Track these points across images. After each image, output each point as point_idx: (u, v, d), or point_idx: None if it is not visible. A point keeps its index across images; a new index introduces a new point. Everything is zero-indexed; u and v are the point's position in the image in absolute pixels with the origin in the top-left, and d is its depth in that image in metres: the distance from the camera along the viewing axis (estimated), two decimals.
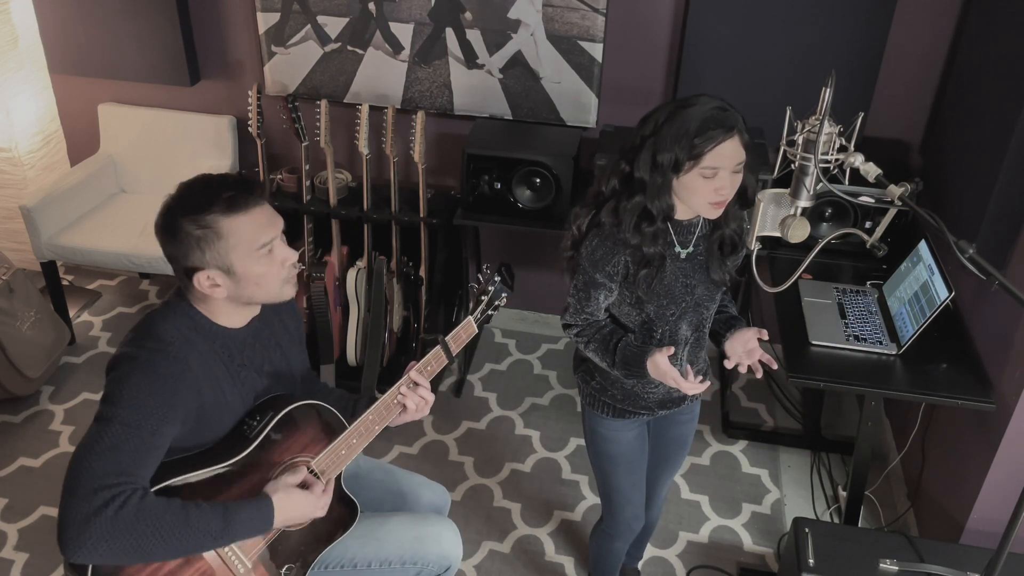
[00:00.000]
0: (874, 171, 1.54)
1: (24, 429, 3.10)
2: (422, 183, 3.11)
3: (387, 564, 1.90)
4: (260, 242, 1.59)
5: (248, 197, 1.58)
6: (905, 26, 2.83)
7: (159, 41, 3.31)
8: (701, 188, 1.70)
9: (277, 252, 1.62)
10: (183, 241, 1.56)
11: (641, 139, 1.73)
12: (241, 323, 1.71)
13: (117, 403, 1.50)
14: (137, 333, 1.60)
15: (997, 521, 2.34)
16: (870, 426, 2.44)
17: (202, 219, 1.55)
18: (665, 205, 1.74)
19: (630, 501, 2.14)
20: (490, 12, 3.05)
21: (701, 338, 1.96)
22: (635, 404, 1.99)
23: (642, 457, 2.12)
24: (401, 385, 1.81)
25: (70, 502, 1.43)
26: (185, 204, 1.57)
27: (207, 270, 1.58)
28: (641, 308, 1.84)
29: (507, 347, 3.64)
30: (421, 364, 1.84)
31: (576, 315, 1.89)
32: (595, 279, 1.81)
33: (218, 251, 1.56)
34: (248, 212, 1.58)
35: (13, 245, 3.65)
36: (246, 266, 1.59)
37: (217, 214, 1.55)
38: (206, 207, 1.55)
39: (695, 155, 1.66)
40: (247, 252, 1.58)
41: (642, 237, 1.76)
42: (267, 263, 1.61)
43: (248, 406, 1.74)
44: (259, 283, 1.62)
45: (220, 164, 3.50)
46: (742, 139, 1.69)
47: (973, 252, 1.43)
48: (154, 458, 1.53)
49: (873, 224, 2.75)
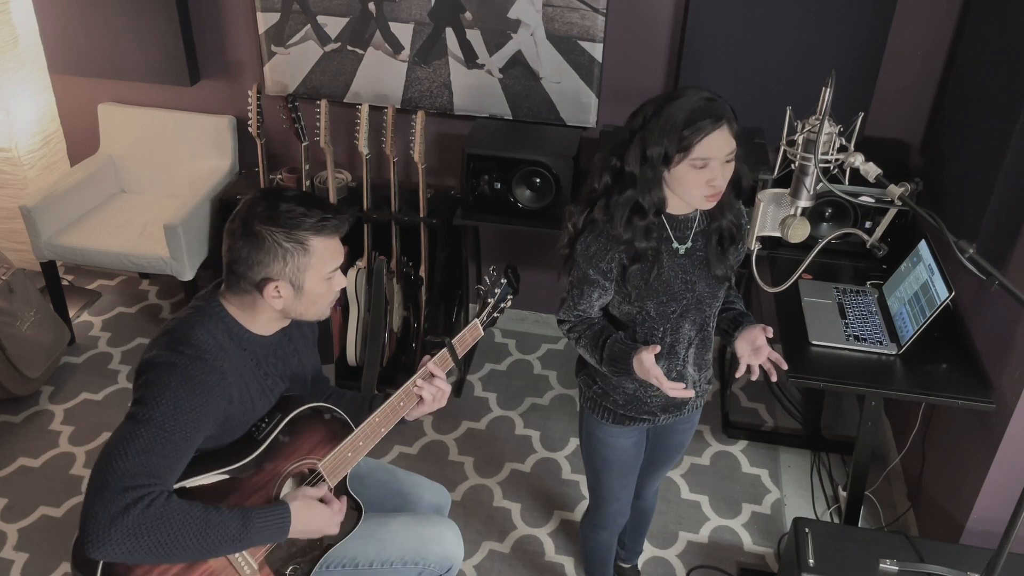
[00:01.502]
0: (874, 171, 1.54)
1: (24, 429, 3.10)
2: (422, 183, 3.11)
3: (389, 564, 1.90)
4: (332, 267, 1.68)
5: (339, 224, 1.67)
6: (905, 26, 2.84)
7: (159, 41, 3.31)
8: (693, 180, 1.69)
9: (336, 279, 1.71)
10: (269, 250, 1.60)
11: (631, 133, 1.73)
12: (271, 332, 1.74)
13: (155, 407, 1.52)
14: (172, 338, 1.60)
15: (997, 521, 2.34)
16: (870, 426, 2.44)
17: (296, 234, 1.61)
18: (657, 199, 1.74)
19: (618, 499, 2.15)
20: (490, 12, 3.05)
21: (706, 338, 1.94)
22: (637, 410, 1.97)
23: (636, 462, 2.12)
24: (417, 377, 1.83)
25: (98, 498, 1.45)
26: (280, 215, 1.60)
27: (279, 281, 1.62)
28: (641, 306, 1.84)
29: (507, 347, 3.64)
30: (419, 375, 1.85)
31: (569, 312, 1.90)
32: (588, 275, 1.81)
33: (298, 266, 1.62)
34: (333, 238, 1.67)
35: (13, 245, 3.65)
36: (313, 285, 1.66)
37: (310, 232, 1.62)
38: (301, 223, 1.61)
39: (684, 147, 1.65)
40: (320, 273, 1.66)
41: (634, 231, 1.75)
42: (327, 287, 1.69)
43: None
44: (315, 302, 1.70)
45: (220, 164, 3.50)
46: (731, 129, 1.68)
47: (973, 252, 1.43)
48: (182, 463, 1.56)
49: (873, 224, 2.75)
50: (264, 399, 1.73)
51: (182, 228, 3.15)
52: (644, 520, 2.47)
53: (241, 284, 1.64)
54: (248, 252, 1.60)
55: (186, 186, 3.54)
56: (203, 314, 1.65)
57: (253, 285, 1.63)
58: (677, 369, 1.93)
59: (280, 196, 1.64)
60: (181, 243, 3.18)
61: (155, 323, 3.69)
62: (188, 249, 3.21)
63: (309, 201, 1.64)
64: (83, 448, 3.03)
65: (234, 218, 1.64)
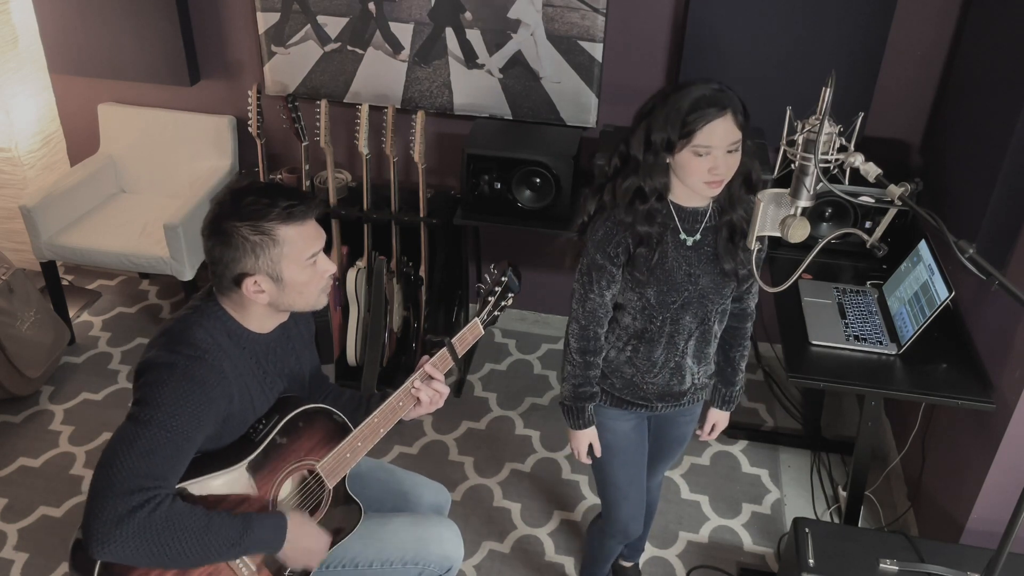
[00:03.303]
0: (874, 171, 1.54)
1: (24, 429, 3.10)
2: (422, 183, 3.11)
3: (388, 564, 1.90)
4: (309, 252, 1.64)
5: (305, 209, 1.63)
6: (905, 26, 2.83)
7: (159, 41, 3.31)
8: (695, 167, 1.71)
9: (320, 263, 1.67)
10: (238, 246, 1.58)
11: (638, 119, 1.76)
12: (269, 329, 1.74)
13: (156, 407, 1.51)
14: (171, 338, 1.60)
15: (997, 521, 2.34)
16: (870, 426, 2.44)
17: (261, 225, 1.58)
18: (660, 184, 1.76)
19: (627, 498, 2.14)
20: (490, 12, 3.05)
21: (707, 332, 1.95)
22: (634, 394, 1.99)
23: (640, 452, 2.13)
24: (415, 379, 1.82)
25: (103, 500, 1.45)
26: (243, 210, 1.59)
27: (256, 276, 1.61)
28: (642, 293, 1.85)
29: (507, 347, 3.64)
30: (418, 375, 1.84)
31: (580, 303, 1.89)
32: (596, 260, 1.82)
33: (271, 258, 1.60)
34: (304, 223, 1.63)
35: (13, 245, 3.65)
36: (293, 274, 1.63)
37: (276, 222, 1.59)
38: (265, 214, 1.58)
39: (686, 132, 1.67)
40: (297, 261, 1.62)
41: (635, 215, 1.78)
42: (311, 273, 1.66)
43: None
44: (301, 292, 1.67)
45: (220, 164, 3.50)
46: (736, 120, 1.70)
47: (973, 252, 1.42)
48: (184, 463, 1.56)
49: (873, 224, 2.75)
50: (264, 398, 1.73)
51: (182, 228, 3.15)
52: (648, 515, 2.47)
53: (223, 284, 1.64)
54: (220, 251, 1.60)
55: (186, 186, 3.54)
56: (201, 314, 1.65)
57: (233, 283, 1.62)
58: (676, 360, 1.94)
59: (244, 190, 1.62)
60: (181, 243, 3.18)
61: (155, 323, 3.68)
62: (188, 249, 3.21)
63: (273, 191, 1.62)
64: (83, 448, 3.03)
65: (205, 218, 1.63)
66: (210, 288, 1.72)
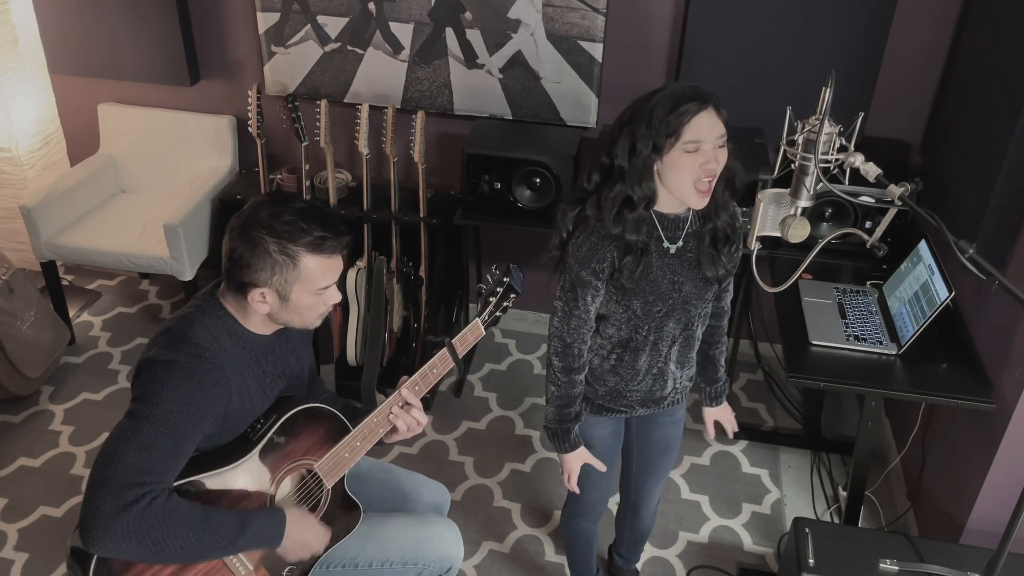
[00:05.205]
0: (874, 171, 1.54)
1: (24, 429, 3.10)
2: (422, 183, 3.11)
3: (388, 564, 1.90)
4: (323, 284, 1.65)
5: (335, 245, 1.64)
6: (905, 26, 2.83)
7: (159, 41, 3.31)
8: (686, 165, 1.68)
9: (329, 294, 1.68)
10: (260, 256, 1.59)
11: (619, 128, 1.73)
12: (270, 331, 1.74)
13: (156, 404, 1.52)
14: (172, 336, 1.61)
15: (997, 521, 2.34)
16: (870, 426, 2.44)
17: (288, 248, 1.59)
18: (648, 190, 1.73)
19: (596, 485, 2.14)
20: (490, 12, 3.05)
21: (691, 337, 1.95)
22: (616, 401, 1.99)
23: (615, 451, 2.13)
24: (393, 404, 1.80)
25: (100, 494, 1.45)
26: (278, 226, 1.59)
27: (264, 289, 1.62)
28: (628, 304, 1.84)
29: (507, 347, 3.64)
30: (419, 375, 1.83)
31: (565, 320, 1.86)
32: (581, 277, 1.80)
33: (286, 279, 1.61)
34: (329, 258, 1.64)
35: (13, 245, 3.65)
36: (300, 298, 1.65)
37: (303, 249, 1.60)
38: (297, 238, 1.59)
39: (672, 131, 1.65)
40: (308, 289, 1.64)
41: (624, 225, 1.75)
42: (316, 301, 1.67)
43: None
44: (301, 313, 1.68)
45: (220, 164, 3.50)
46: (719, 114, 1.68)
47: (973, 252, 1.43)
48: (182, 460, 1.56)
49: (873, 224, 2.75)
50: (263, 397, 1.73)
51: (182, 228, 3.16)
52: (640, 538, 2.48)
53: (231, 283, 1.65)
54: (241, 253, 1.60)
55: (186, 186, 3.54)
56: (202, 312, 1.65)
57: (240, 286, 1.63)
58: (659, 366, 1.94)
59: (286, 205, 1.62)
60: (181, 243, 3.18)
61: (155, 323, 3.68)
62: (188, 249, 3.21)
63: (312, 216, 1.62)
64: (83, 448, 3.03)
65: (239, 215, 1.63)
66: (212, 287, 1.72)
